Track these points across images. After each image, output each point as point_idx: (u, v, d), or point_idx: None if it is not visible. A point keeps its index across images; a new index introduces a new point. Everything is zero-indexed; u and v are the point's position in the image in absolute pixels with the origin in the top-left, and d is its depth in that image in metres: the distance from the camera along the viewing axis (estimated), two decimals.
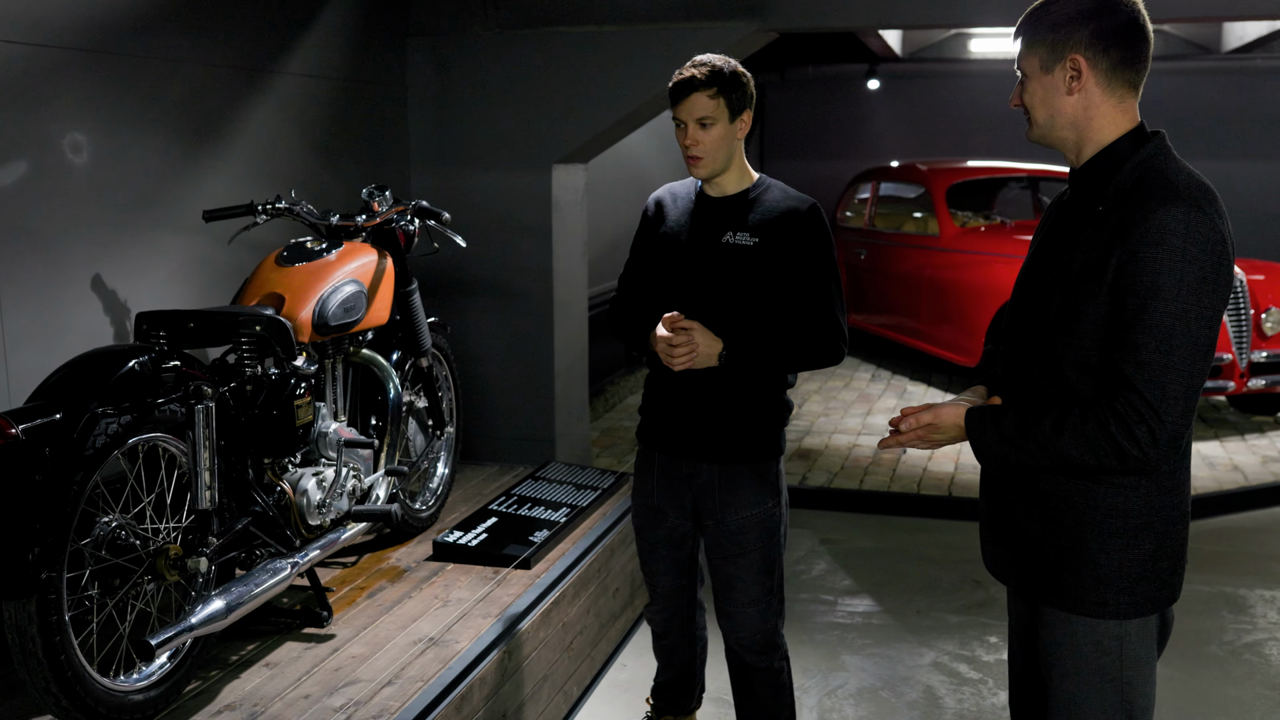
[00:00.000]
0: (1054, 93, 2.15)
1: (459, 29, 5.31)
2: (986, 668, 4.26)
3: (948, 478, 6.36)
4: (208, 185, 4.01)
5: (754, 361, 2.88)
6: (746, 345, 2.86)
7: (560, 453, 5.47)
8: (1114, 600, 2.17)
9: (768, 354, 2.90)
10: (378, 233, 3.79)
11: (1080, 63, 2.11)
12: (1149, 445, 2.00)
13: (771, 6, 5.06)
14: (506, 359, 5.41)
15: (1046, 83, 2.15)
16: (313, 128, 4.66)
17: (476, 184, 5.33)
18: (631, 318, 3.09)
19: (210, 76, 4.02)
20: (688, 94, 2.82)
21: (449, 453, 4.37)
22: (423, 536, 4.17)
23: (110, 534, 2.70)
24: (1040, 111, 2.19)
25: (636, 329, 3.05)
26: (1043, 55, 2.14)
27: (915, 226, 9.16)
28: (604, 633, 4.20)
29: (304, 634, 3.34)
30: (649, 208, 3.10)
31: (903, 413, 2.37)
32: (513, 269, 5.34)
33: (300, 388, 3.17)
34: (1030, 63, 2.17)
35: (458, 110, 5.33)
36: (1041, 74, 2.16)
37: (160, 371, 2.71)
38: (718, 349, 2.84)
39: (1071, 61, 2.11)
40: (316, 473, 3.29)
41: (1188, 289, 1.97)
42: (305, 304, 3.29)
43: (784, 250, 2.88)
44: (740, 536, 3.03)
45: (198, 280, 3.94)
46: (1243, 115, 10.78)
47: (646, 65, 5.13)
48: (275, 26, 4.41)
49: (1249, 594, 4.97)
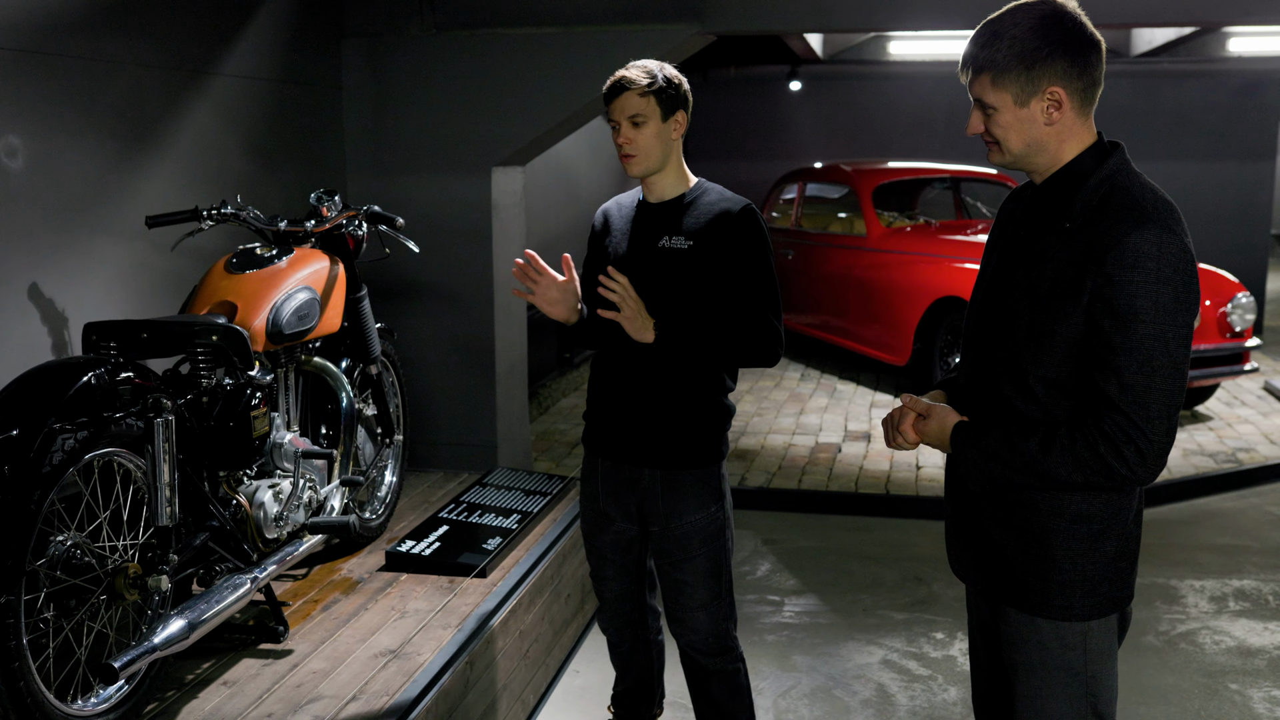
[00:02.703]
0: (1030, 124, 2.13)
1: (395, 30, 5.23)
2: (935, 664, 4.32)
3: (884, 476, 6.45)
4: (146, 190, 3.89)
5: (685, 342, 2.84)
6: (679, 326, 2.83)
7: (502, 458, 5.43)
8: (1079, 603, 2.21)
9: (700, 339, 2.85)
10: (326, 238, 3.72)
11: (1060, 94, 2.10)
12: (1138, 464, 2.04)
13: (711, 9, 5.08)
14: (447, 364, 5.35)
15: (1023, 115, 2.13)
16: (250, 131, 4.56)
17: (414, 187, 5.26)
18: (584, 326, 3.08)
19: (147, 78, 3.91)
20: (619, 93, 2.86)
21: (396, 460, 4.30)
22: (373, 546, 4.10)
23: (66, 553, 2.60)
24: (1015, 143, 2.17)
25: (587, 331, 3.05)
26: (1016, 90, 2.11)
27: (842, 227, 9.26)
28: (557, 639, 4.18)
29: (260, 650, 3.26)
30: (596, 221, 3.12)
31: (903, 402, 2.37)
32: (452, 273, 5.28)
33: (255, 398, 3.09)
34: (999, 97, 2.13)
35: (395, 112, 5.25)
36: (1016, 107, 2.13)
37: (116, 384, 2.62)
38: (650, 323, 2.80)
39: (1051, 94, 2.10)
40: (273, 485, 3.21)
41: (1164, 310, 2.01)
42: (258, 312, 3.21)
43: (717, 253, 2.88)
44: (686, 542, 3.03)
45: (138, 288, 3.83)
46: (1150, 117, 11.10)
47: (586, 67, 5.11)
48: (210, 26, 4.30)
49: (1180, 584, 5.12)
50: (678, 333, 2.84)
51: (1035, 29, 2.11)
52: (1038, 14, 2.14)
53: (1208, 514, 6.12)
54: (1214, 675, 4.24)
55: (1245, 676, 4.23)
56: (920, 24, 5.15)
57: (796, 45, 10.30)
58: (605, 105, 2.89)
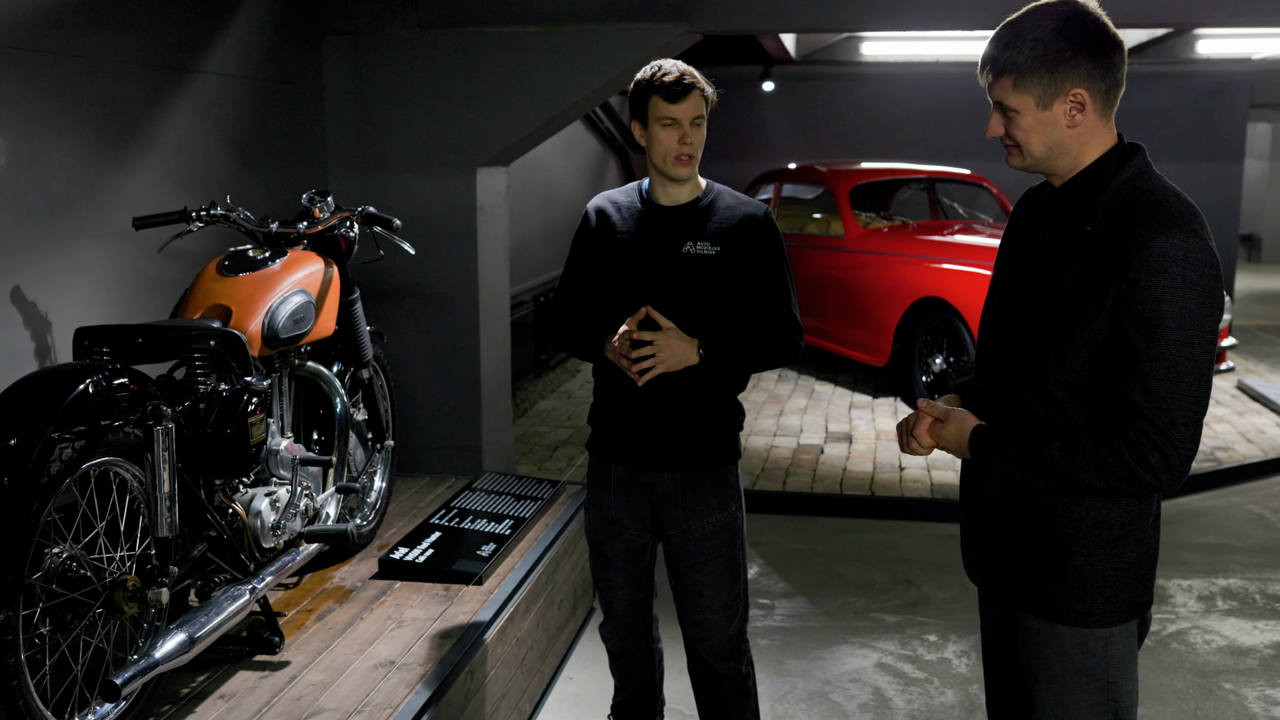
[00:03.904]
0: (1053, 127, 2.11)
1: (377, 28, 5.15)
2: (930, 667, 4.30)
3: (868, 477, 6.43)
4: (129, 190, 3.79)
5: (730, 358, 2.87)
6: (722, 342, 2.86)
7: (487, 461, 5.36)
8: (1100, 610, 2.19)
9: (741, 350, 2.89)
10: (318, 239, 3.63)
11: (1083, 95, 2.08)
12: (1163, 471, 2.02)
13: (698, 8, 5.03)
14: (432, 367, 5.27)
15: (1045, 118, 2.11)
16: (232, 130, 4.46)
17: (398, 187, 5.17)
18: (578, 330, 3.02)
19: (130, 75, 3.81)
20: (688, 93, 2.80)
21: (386, 466, 4.22)
22: (364, 553, 4.02)
23: (62, 566, 2.51)
24: (1038, 146, 2.14)
25: (586, 341, 2.99)
26: (1039, 92, 2.09)
27: (819, 228, 9.25)
28: (551, 646, 4.12)
29: (256, 662, 3.18)
30: (590, 217, 3.03)
31: (920, 406, 2.34)
32: (437, 274, 5.20)
33: (252, 404, 3.01)
34: (1021, 99, 2.11)
35: (377, 112, 5.17)
36: (1039, 110, 2.10)
37: (114, 391, 2.54)
38: (694, 348, 2.81)
39: (1074, 95, 2.08)
40: (269, 493, 3.13)
41: (1190, 315, 1.99)
42: (254, 316, 3.13)
43: (745, 257, 2.89)
44: (705, 543, 3.00)
45: (123, 291, 3.73)
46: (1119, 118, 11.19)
47: (573, 66, 5.06)
48: (191, 22, 4.20)
49: (1167, 584, 5.13)
50: (721, 348, 2.84)
51: (1058, 30, 2.08)
52: (1060, 15, 2.11)
53: (1190, 513, 6.15)
54: (1208, 675, 4.24)
55: (1238, 676, 4.24)
56: (909, 24, 5.14)
57: (770, 45, 10.28)
58: (664, 103, 2.80)
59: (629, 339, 2.80)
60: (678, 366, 2.81)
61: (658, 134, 2.83)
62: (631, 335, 2.80)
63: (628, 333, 2.81)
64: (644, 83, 2.84)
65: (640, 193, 2.99)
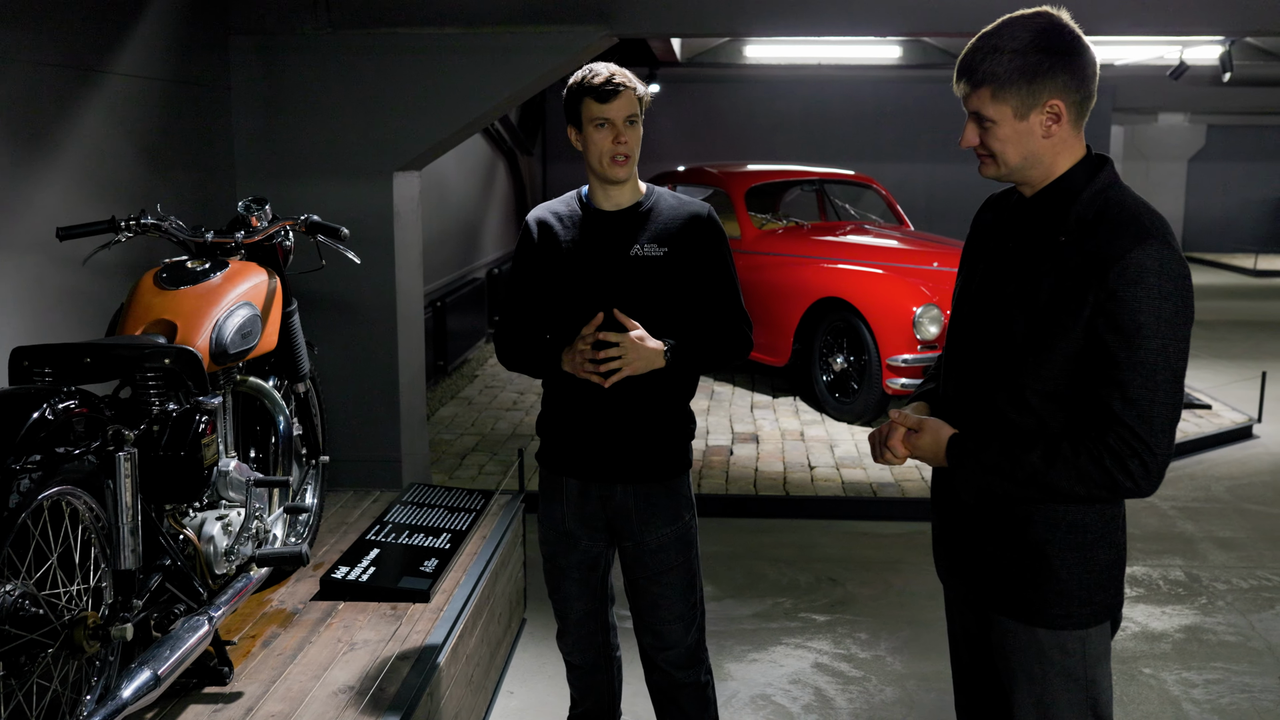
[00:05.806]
0: (1029, 137, 2.14)
1: (287, 28, 4.97)
2: (866, 665, 4.36)
3: (780, 477, 6.49)
4: (39, 198, 3.57)
5: (693, 357, 2.89)
6: (685, 343, 2.87)
7: (407, 473, 5.23)
8: (1077, 612, 2.25)
9: (701, 349, 2.91)
10: (254, 249, 3.48)
11: (1060, 106, 2.12)
12: (1142, 477, 2.08)
13: (618, 12, 5.00)
14: (349, 377, 5.11)
15: (1022, 129, 2.14)
16: (142, 134, 4.25)
17: (310, 193, 4.99)
18: (530, 347, 2.99)
19: (39, 76, 3.59)
20: (618, 93, 2.80)
21: (317, 482, 4.08)
22: (300, 574, 3.87)
23: (15, 605, 2.34)
24: (1014, 156, 2.17)
25: (540, 356, 2.96)
26: (1017, 103, 2.12)
27: None
28: (494, 660, 4.04)
29: (207, 694, 3.02)
30: (531, 230, 2.99)
31: (892, 417, 2.37)
32: (353, 283, 5.03)
33: (203, 424, 2.86)
34: (999, 110, 2.14)
35: (288, 115, 4.99)
36: (1016, 120, 2.13)
37: (70, 416, 2.38)
38: (660, 352, 2.81)
39: (1051, 106, 2.12)
40: (220, 516, 2.99)
41: (1166, 324, 2.05)
42: (200, 331, 2.97)
43: (693, 256, 2.91)
44: (661, 554, 3.01)
45: (36, 307, 3.51)
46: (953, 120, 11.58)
47: (491, 69, 4.97)
48: (98, 21, 3.98)
49: None
50: (686, 349, 2.85)
51: (1036, 42, 2.12)
52: (1037, 26, 2.14)
53: None
54: (1127, 661, 4.40)
55: (1155, 660, 4.41)
56: (830, 30, 5.20)
57: (657, 47, 10.31)
58: (598, 104, 2.78)
59: (591, 341, 2.77)
60: (644, 369, 2.80)
61: (592, 135, 2.82)
62: (596, 337, 2.77)
63: (591, 335, 2.78)
64: (575, 86, 2.84)
65: (580, 199, 2.98)
